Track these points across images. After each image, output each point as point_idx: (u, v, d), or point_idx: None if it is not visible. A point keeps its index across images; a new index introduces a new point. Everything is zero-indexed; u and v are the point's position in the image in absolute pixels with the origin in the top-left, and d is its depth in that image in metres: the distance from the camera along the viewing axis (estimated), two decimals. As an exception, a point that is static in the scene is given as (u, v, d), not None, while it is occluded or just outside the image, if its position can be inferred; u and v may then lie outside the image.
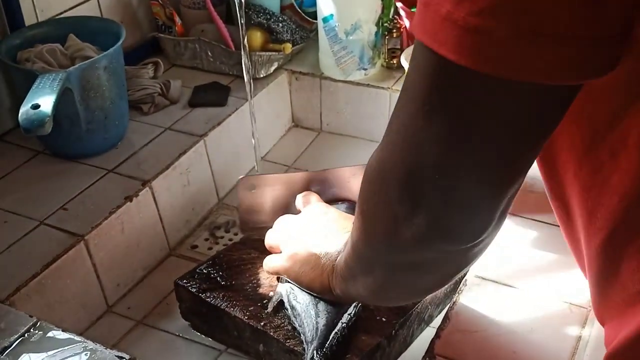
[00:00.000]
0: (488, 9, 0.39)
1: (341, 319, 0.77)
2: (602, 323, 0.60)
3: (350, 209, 0.89)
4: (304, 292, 0.79)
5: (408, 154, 0.48)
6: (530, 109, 0.43)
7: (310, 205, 0.88)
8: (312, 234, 0.80)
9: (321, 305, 0.77)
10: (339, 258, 0.72)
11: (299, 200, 0.90)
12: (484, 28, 0.39)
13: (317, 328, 0.76)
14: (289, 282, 0.81)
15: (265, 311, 0.81)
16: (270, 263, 0.84)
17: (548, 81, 0.41)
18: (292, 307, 0.79)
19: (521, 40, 0.39)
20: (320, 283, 0.75)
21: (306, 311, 0.77)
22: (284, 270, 0.80)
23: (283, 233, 0.84)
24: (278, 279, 0.84)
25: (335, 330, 0.76)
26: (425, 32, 0.42)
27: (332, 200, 0.92)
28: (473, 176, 0.47)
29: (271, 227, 0.87)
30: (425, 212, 0.48)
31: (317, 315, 0.77)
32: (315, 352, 0.73)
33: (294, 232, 0.82)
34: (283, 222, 0.86)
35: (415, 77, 0.46)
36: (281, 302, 0.81)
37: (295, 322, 0.78)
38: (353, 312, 0.78)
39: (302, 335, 0.77)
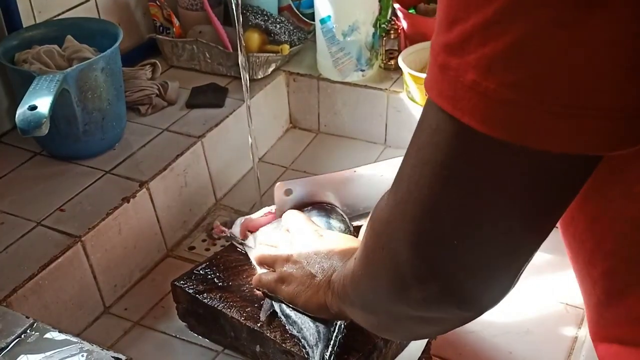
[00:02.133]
0: (523, 82, 0.37)
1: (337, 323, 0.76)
2: (597, 340, 0.60)
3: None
4: None
5: (422, 218, 0.45)
6: (560, 178, 0.42)
7: (301, 227, 0.85)
8: (307, 255, 0.78)
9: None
10: (335, 275, 0.70)
11: (287, 218, 0.88)
12: (519, 101, 0.37)
13: (318, 331, 0.75)
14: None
15: (261, 319, 0.81)
16: (263, 280, 0.82)
17: (586, 152, 0.39)
18: (287, 316, 0.79)
19: (559, 113, 0.37)
20: (317, 302, 0.73)
21: (302, 317, 0.77)
22: (278, 289, 0.79)
23: (278, 251, 0.82)
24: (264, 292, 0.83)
25: (337, 331, 0.75)
26: (444, 98, 0.41)
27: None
28: (495, 244, 0.45)
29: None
30: (440, 279, 0.46)
31: (315, 319, 0.76)
32: (324, 354, 0.73)
33: (289, 251, 0.80)
34: (276, 240, 0.84)
35: (431, 140, 0.43)
36: (274, 312, 0.81)
37: (293, 329, 0.78)
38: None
39: (302, 340, 0.76)
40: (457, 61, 0.39)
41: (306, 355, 0.75)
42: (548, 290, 0.79)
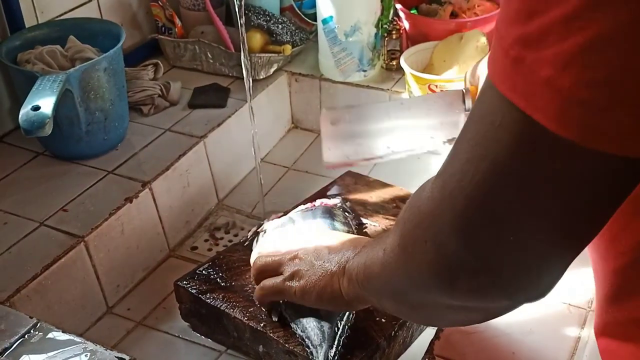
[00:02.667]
0: (601, 81, 0.36)
1: (342, 319, 0.77)
2: (599, 334, 0.60)
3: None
4: None
5: (475, 213, 0.44)
6: (628, 180, 0.42)
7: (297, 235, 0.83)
8: (315, 250, 0.75)
9: (324, 313, 0.77)
10: (352, 263, 0.68)
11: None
12: (596, 101, 0.36)
13: (323, 331, 0.75)
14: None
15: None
16: (267, 285, 0.78)
17: None
18: (291, 315, 0.78)
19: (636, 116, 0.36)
20: (331, 291, 0.70)
21: (306, 317, 0.77)
22: (287, 288, 0.75)
23: (280, 255, 0.79)
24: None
25: (341, 330, 0.75)
26: (518, 93, 0.39)
27: None
28: (550, 240, 0.44)
29: (353, 163, 0.83)
30: (491, 272, 0.46)
31: (319, 319, 0.76)
32: (328, 353, 0.73)
33: (293, 252, 0.78)
34: (274, 247, 0.82)
35: (493, 135, 0.42)
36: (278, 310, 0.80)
37: (297, 329, 0.77)
38: (352, 313, 0.78)
39: (306, 339, 0.76)
40: (533, 55, 0.38)
41: (310, 355, 0.75)
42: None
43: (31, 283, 0.85)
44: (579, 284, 0.79)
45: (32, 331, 0.75)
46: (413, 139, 0.88)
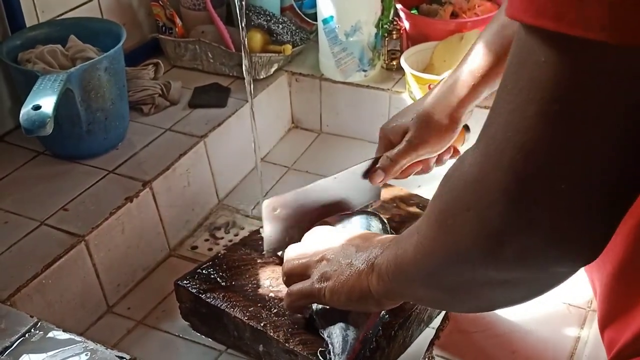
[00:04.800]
0: None
1: (368, 332, 0.76)
2: (608, 325, 0.61)
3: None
4: None
5: (525, 164, 0.42)
6: None
7: (324, 232, 0.81)
8: (342, 249, 0.73)
9: (351, 318, 0.76)
10: (380, 258, 0.66)
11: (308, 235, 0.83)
12: None
13: (346, 340, 0.75)
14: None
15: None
16: (295, 290, 0.75)
17: None
18: (321, 318, 0.77)
19: None
20: (360, 290, 0.68)
21: (335, 322, 0.76)
22: (317, 291, 0.72)
23: (307, 258, 0.76)
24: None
25: (364, 345, 0.75)
26: (559, 18, 0.37)
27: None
28: (608, 186, 0.41)
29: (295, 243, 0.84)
30: (542, 228, 0.43)
31: (346, 328, 0.75)
32: None
33: (320, 254, 0.75)
34: (302, 248, 0.79)
35: (538, 75, 0.40)
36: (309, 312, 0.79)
37: (324, 332, 0.77)
38: (379, 326, 0.78)
39: (330, 345, 0.75)
40: None
41: (302, 352, 0.75)
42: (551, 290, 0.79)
43: (32, 282, 0.86)
44: (579, 284, 0.79)
45: (32, 330, 0.75)
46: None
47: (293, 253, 0.78)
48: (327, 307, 0.76)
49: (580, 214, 0.43)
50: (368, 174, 0.91)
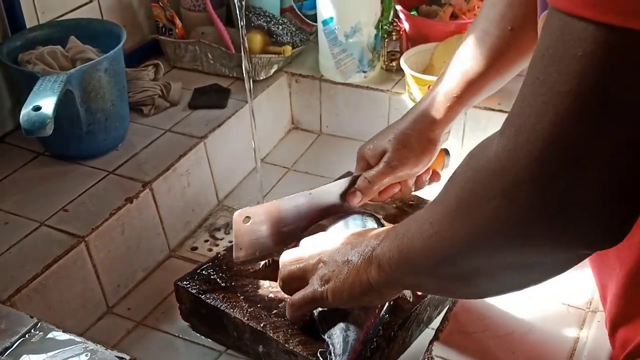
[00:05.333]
0: None
1: (368, 332, 0.76)
2: (621, 324, 0.61)
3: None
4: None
5: (557, 151, 0.43)
6: None
7: (316, 236, 0.80)
8: (336, 249, 0.73)
9: (351, 318, 0.76)
10: (380, 249, 0.65)
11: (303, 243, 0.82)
12: None
13: (347, 341, 0.75)
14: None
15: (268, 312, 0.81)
16: (297, 297, 0.75)
17: None
18: (322, 319, 0.77)
19: None
20: (360, 284, 0.68)
21: (336, 322, 0.76)
22: (320, 294, 0.72)
23: (303, 263, 0.76)
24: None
25: (364, 345, 0.75)
26: (606, 9, 0.39)
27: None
28: (634, 168, 0.43)
29: (264, 257, 0.85)
30: (574, 218, 0.44)
31: (347, 328, 0.75)
32: None
33: (316, 257, 0.75)
34: (297, 252, 0.79)
35: (574, 66, 0.41)
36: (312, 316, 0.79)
37: (324, 334, 0.77)
38: (379, 326, 0.78)
39: (330, 346, 0.75)
40: None
41: (302, 353, 0.75)
42: (550, 291, 0.79)
43: (32, 283, 0.86)
44: (579, 284, 0.79)
45: (32, 331, 0.75)
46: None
47: (288, 258, 0.78)
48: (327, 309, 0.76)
49: (611, 203, 0.44)
50: (345, 194, 0.90)
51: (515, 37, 0.80)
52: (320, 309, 0.77)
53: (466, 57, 0.83)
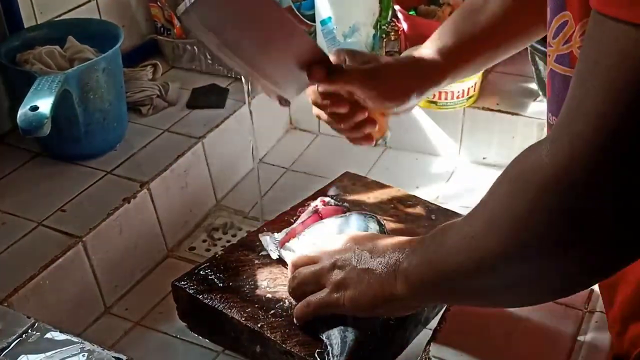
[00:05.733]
0: None
1: (367, 333, 0.76)
2: (633, 322, 0.61)
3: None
4: None
5: (616, 162, 0.43)
6: None
7: (329, 238, 0.79)
8: (355, 255, 0.71)
9: (350, 319, 0.76)
10: (406, 263, 0.64)
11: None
12: None
13: (345, 342, 0.74)
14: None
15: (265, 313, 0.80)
16: (312, 302, 0.73)
17: None
18: (320, 318, 0.76)
19: None
20: (383, 296, 0.67)
21: (334, 323, 0.76)
22: (334, 300, 0.70)
23: (317, 266, 0.74)
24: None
25: (363, 346, 0.75)
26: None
27: None
28: None
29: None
30: (630, 224, 0.45)
31: (345, 329, 0.75)
32: None
33: (330, 261, 0.72)
34: (308, 258, 0.77)
35: (624, 65, 0.41)
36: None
37: (323, 335, 0.77)
38: (377, 327, 0.77)
39: (329, 347, 0.75)
40: None
41: (300, 353, 0.75)
42: (548, 291, 0.79)
43: (29, 283, 0.86)
44: (576, 285, 0.79)
45: (29, 331, 0.75)
46: None
47: (300, 261, 0.77)
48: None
49: None
50: (311, 65, 0.75)
51: (515, 10, 0.77)
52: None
53: (465, 22, 0.80)
